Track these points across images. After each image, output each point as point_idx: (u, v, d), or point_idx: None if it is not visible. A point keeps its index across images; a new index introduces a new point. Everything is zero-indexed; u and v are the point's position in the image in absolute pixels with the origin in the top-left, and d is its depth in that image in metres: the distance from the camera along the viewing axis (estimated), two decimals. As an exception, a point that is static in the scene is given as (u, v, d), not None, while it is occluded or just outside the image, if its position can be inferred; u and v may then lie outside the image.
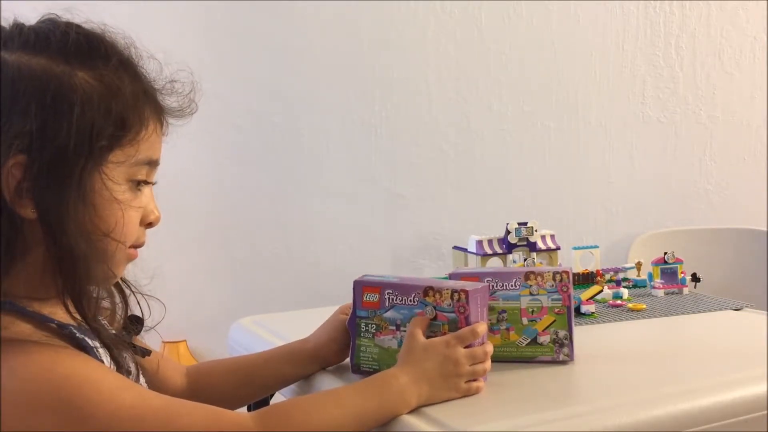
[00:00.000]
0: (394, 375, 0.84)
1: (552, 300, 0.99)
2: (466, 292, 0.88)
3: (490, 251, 1.49)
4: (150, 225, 0.82)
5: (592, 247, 1.54)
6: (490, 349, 0.90)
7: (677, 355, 1.10)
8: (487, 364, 0.89)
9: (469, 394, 0.87)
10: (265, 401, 1.09)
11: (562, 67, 2.39)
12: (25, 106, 0.70)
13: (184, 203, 2.01)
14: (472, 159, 2.31)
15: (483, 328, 0.89)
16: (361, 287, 0.94)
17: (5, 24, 0.75)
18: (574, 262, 1.53)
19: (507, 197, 2.34)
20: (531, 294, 0.99)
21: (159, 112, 0.80)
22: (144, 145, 0.77)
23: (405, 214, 2.25)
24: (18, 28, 0.75)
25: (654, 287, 1.48)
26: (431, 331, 0.89)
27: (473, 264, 1.50)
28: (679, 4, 2.50)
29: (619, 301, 1.39)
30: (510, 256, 1.50)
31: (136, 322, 0.86)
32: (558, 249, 1.51)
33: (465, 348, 0.87)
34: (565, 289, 0.99)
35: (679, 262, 1.50)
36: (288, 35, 2.11)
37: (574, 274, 1.46)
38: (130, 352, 0.82)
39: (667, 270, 1.49)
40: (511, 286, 1.00)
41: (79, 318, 0.74)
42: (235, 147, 2.10)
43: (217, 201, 2.10)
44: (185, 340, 2.03)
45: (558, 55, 2.38)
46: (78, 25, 0.77)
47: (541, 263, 1.49)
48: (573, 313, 1.00)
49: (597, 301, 1.35)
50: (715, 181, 2.59)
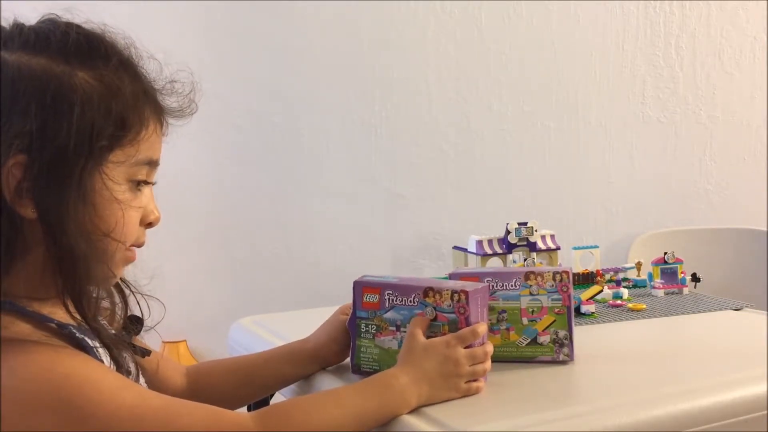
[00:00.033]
0: (394, 375, 0.84)
1: (552, 300, 0.99)
2: (466, 293, 0.88)
3: (490, 251, 1.49)
4: (150, 225, 0.82)
5: (592, 247, 1.54)
6: (490, 349, 0.90)
7: (677, 355, 1.10)
8: (487, 364, 0.89)
9: (469, 394, 0.87)
10: (265, 401, 1.09)
11: (562, 67, 2.39)
12: (25, 106, 0.70)
13: (184, 203, 2.01)
14: (472, 159, 2.31)
15: (483, 328, 0.89)
16: (361, 288, 0.94)
17: (5, 24, 0.75)
18: (574, 262, 1.53)
19: (507, 197, 2.34)
20: (531, 294, 0.99)
21: (159, 112, 0.80)
22: (144, 145, 0.77)
23: (405, 214, 2.25)
24: (18, 28, 0.75)
25: (654, 287, 1.48)
26: (431, 331, 0.89)
27: (473, 264, 1.50)
28: (679, 4, 2.50)
29: (619, 301, 1.39)
30: (510, 256, 1.50)
31: (135, 322, 0.86)
32: (558, 249, 1.51)
33: (465, 348, 0.87)
34: (565, 289, 0.99)
35: (679, 262, 1.50)
36: (288, 35, 2.11)
37: (574, 274, 1.46)
38: (129, 352, 0.82)
39: (667, 270, 1.49)
40: (511, 286, 1.00)
41: (78, 318, 0.74)
42: (235, 147, 2.10)
43: (217, 201, 2.10)
44: (185, 340, 2.03)
45: (558, 55, 2.38)
46: (78, 25, 0.77)
47: (541, 263, 1.49)
48: (573, 313, 1.00)
49: (597, 301, 1.35)
50: (715, 181, 2.59)
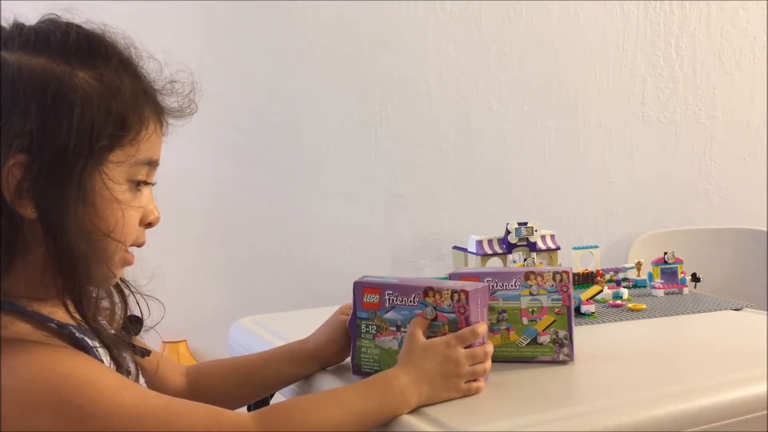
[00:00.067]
0: (394, 375, 0.84)
1: (552, 300, 0.99)
2: (466, 293, 0.88)
3: (490, 251, 1.49)
4: (149, 225, 0.82)
5: (592, 247, 1.54)
6: (490, 349, 0.90)
7: (677, 355, 1.10)
8: (488, 364, 0.89)
9: (469, 394, 0.87)
10: (265, 401, 1.09)
11: (562, 67, 2.39)
12: (25, 106, 0.70)
13: (184, 203, 2.01)
14: (472, 159, 2.31)
15: (483, 328, 0.89)
16: (361, 288, 0.94)
17: (5, 24, 0.75)
18: (574, 262, 1.53)
19: (507, 197, 2.34)
20: (531, 294, 0.99)
21: (159, 113, 0.80)
22: (144, 145, 0.77)
23: (405, 214, 2.25)
24: (18, 28, 0.75)
25: (654, 287, 1.48)
26: (431, 331, 0.89)
27: (473, 264, 1.50)
28: (679, 4, 2.50)
29: (619, 301, 1.39)
30: (510, 256, 1.50)
31: (135, 322, 0.86)
32: (558, 249, 1.51)
33: (465, 348, 0.87)
34: (565, 289, 0.99)
35: (679, 262, 1.50)
36: (288, 35, 2.11)
37: (574, 274, 1.46)
38: (129, 352, 0.82)
39: (667, 270, 1.49)
40: (511, 286, 1.00)
41: (78, 318, 0.74)
42: (235, 147, 2.09)
43: (217, 201, 2.10)
44: (185, 340, 2.03)
45: (558, 55, 2.38)
46: (78, 25, 0.77)
47: (541, 263, 1.49)
48: (573, 313, 1.00)
49: (597, 301, 1.35)
50: (715, 181, 2.59)
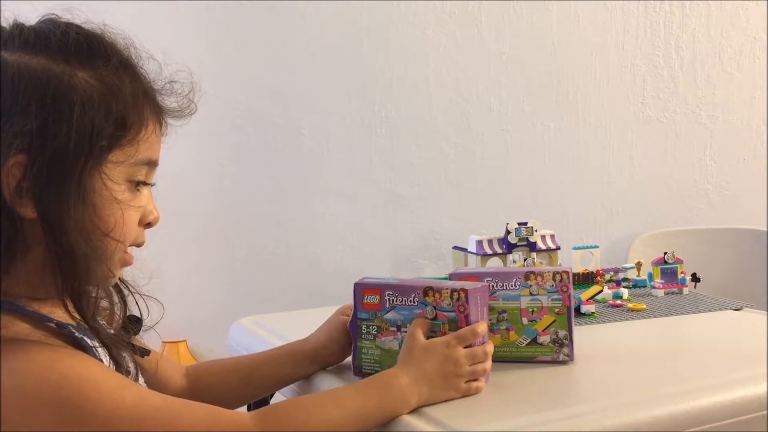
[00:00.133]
0: (394, 375, 0.84)
1: (552, 300, 0.99)
2: (465, 291, 0.88)
3: (490, 251, 1.49)
4: (149, 225, 0.82)
5: (592, 247, 1.54)
6: (490, 348, 0.90)
7: (677, 355, 1.10)
8: (488, 364, 0.89)
9: (469, 394, 0.87)
10: (265, 401, 1.09)
11: (562, 67, 2.39)
12: (25, 105, 0.70)
13: (184, 203, 2.01)
14: (472, 159, 2.31)
15: (483, 327, 0.89)
16: (361, 289, 0.94)
17: (5, 24, 0.75)
18: (574, 262, 1.53)
19: (507, 197, 2.34)
20: (531, 294, 0.99)
21: (158, 113, 0.80)
22: (143, 145, 0.77)
23: (405, 214, 2.25)
24: (18, 28, 0.75)
25: (654, 287, 1.48)
26: (431, 330, 0.89)
27: (473, 264, 1.50)
28: (679, 4, 2.50)
29: (619, 301, 1.38)
30: (510, 256, 1.50)
31: (135, 322, 0.86)
32: (558, 249, 1.51)
33: (465, 348, 0.87)
34: (565, 289, 0.99)
35: (679, 262, 1.50)
36: (288, 35, 2.11)
37: (574, 274, 1.46)
38: (129, 351, 0.82)
39: (667, 270, 1.49)
40: (511, 286, 1.00)
41: (78, 317, 0.74)
42: (235, 147, 2.09)
43: (216, 201, 2.10)
44: (185, 340, 2.03)
45: (558, 55, 2.38)
46: (78, 25, 0.77)
47: (541, 263, 1.49)
48: (573, 313, 1.00)
49: (597, 301, 1.35)
50: (715, 181, 2.59)
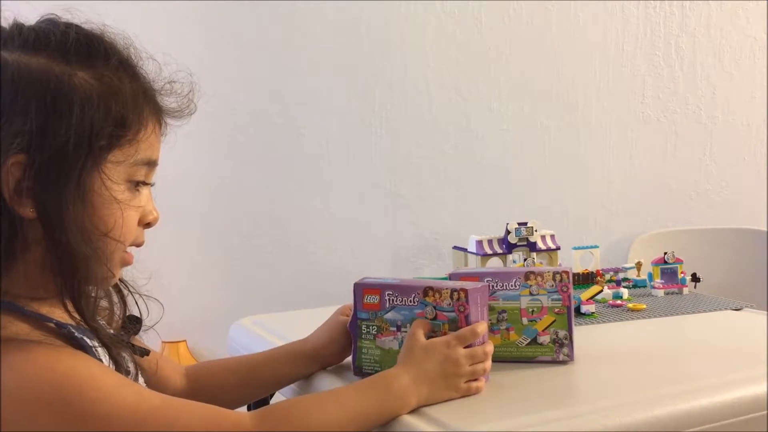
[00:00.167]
0: (394, 375, 0.84)
1: (552, 300, 0.99)
2: (465, 291, 0.88)
3: (490, 251, 1.49)
4: (148, 225, 0.82)
5: (592, 247, 1.54)
6: (490, 348, 0.90)
7: (677, 355, 1.10)
8: (488, 364, 0.89)
9: (469, 394, 0.87)
10: (264, 401, 1.09)
11: (562, 67, 2.39)
12: (24, 105, 0.70)
13: (184, 203, 2.01)
14: (472, 159, 2.31)
15: (483, 327, 0.89)
16: (361, 289, 0.94)
17: (5, 24, 0.75)
18: (574, 262, 1.53)
19: (507, 197, 2.34)
20: (531, 294, 0.99)
21: (158, 113, 0.80)
22: (143, 145, 0.77)
23: (405, 214, 2.25)
24: (18, 28, 0.75)
25: (654, 287, 1.48)
26: (431, 330, 0.89)
27: (473, 264, 1.50)
28: (679, 4, 2.50)
29: (619, 301, 1.38)
30: (510, 256, 1.50)
31: (134, 322, 0.86)
32: (558, 249, 1.51)
33: (465, 348, 0.87)
34: (565, 289, 0.99)
35: (679, 262, 1.50)
36: (288, 35, 2.11)
37: (574, 274, 1.46)
38: (128, 351, 0.82)
39: (667, 270, 1.49)
40: (511, 286, 1.00)
41: (77, 317, 0.74)
42: (235, 147, 2.09)
43: (216, 201, 2.10)
44: (185, 340, 2.03)
45: (558, 55, 2.38)
46: (78, 25, 0.77)
47: (541, 263, 1.49)
48: (573, 313, 1.00)
49: (597, 301, 1.35)
50: (715, 181, 2.58)
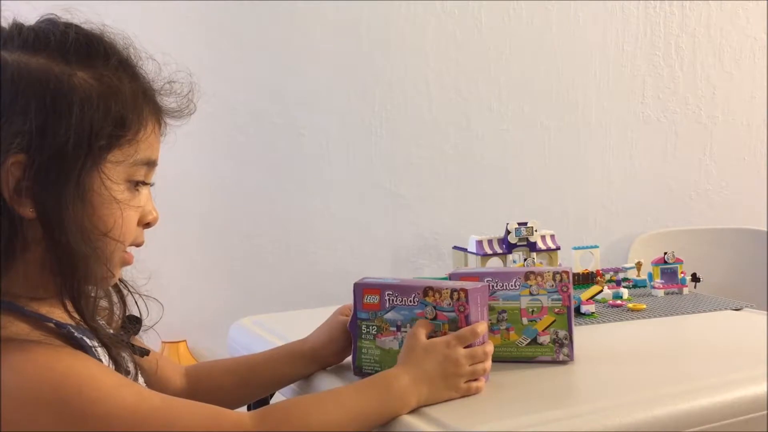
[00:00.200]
0: (394, 375, 0.84)
1: (552, 300, 0.99)
2: (465, 291, 0.88)
3: (490, 251, 1.49)
4: (148, 225, 0.82)
5: (592, 247, 1.54)
6: (490, 348, 0.90)
7: (677, 355, 1.10)
8: (488, 364, 0.89)
9: (469, 394, 0.87)
10: (264, 401, 1.09)
11: (562, 67, 2.39)
12: (24, 105, 0.70)
13: (184, 203, 2.01)
14: (472, 159, 2.31)
15: (483, 327, 0.89)
16: (361, 289, 0.94)
17: (5, 24, 0.75)
18: (574, 262, 1.53)
19: (507, 197, 2.34)
20: (531, 294, 0.99)
21: (158, 113, 0.80)
22: (143, 145, 0.77)
23: (405, 214, 2.25)
24: (17, 27, 0.75)
25: (654, 287, 1.48)
26: (433, 331, 0.89)
27: (473, 264, 1.50)
28: (679, 4, 2.50)
29: (619, 301, 1.38)
30: (510, 256, 1.50)
31: (134, 322, 0.86)
32: (558, 249, 1.51)
33: (465, 348, 0.87)
34: (565, 289, 0.99)
35: (679, 262, 1.50)
36: (288, 35, 2.11)
37: (574, 274, 1.46)
38: (128, 351, 0.82)
39: (667, 270, 1.49)
40: (511, 286, 1.00)
41: (77, 317, 0.74)
42: (235, 147, 2.09)
43: (216, 201, 2.10)
44: (185, 340, 2.03)
45: (558, 55, 2.38)
46: (77, 25, 0.77)
47: (541, 263, 1.49)
48: (573, 313, 1.00)
49: (597, 301, 1.35)
50: (715, 181, 2.58)
